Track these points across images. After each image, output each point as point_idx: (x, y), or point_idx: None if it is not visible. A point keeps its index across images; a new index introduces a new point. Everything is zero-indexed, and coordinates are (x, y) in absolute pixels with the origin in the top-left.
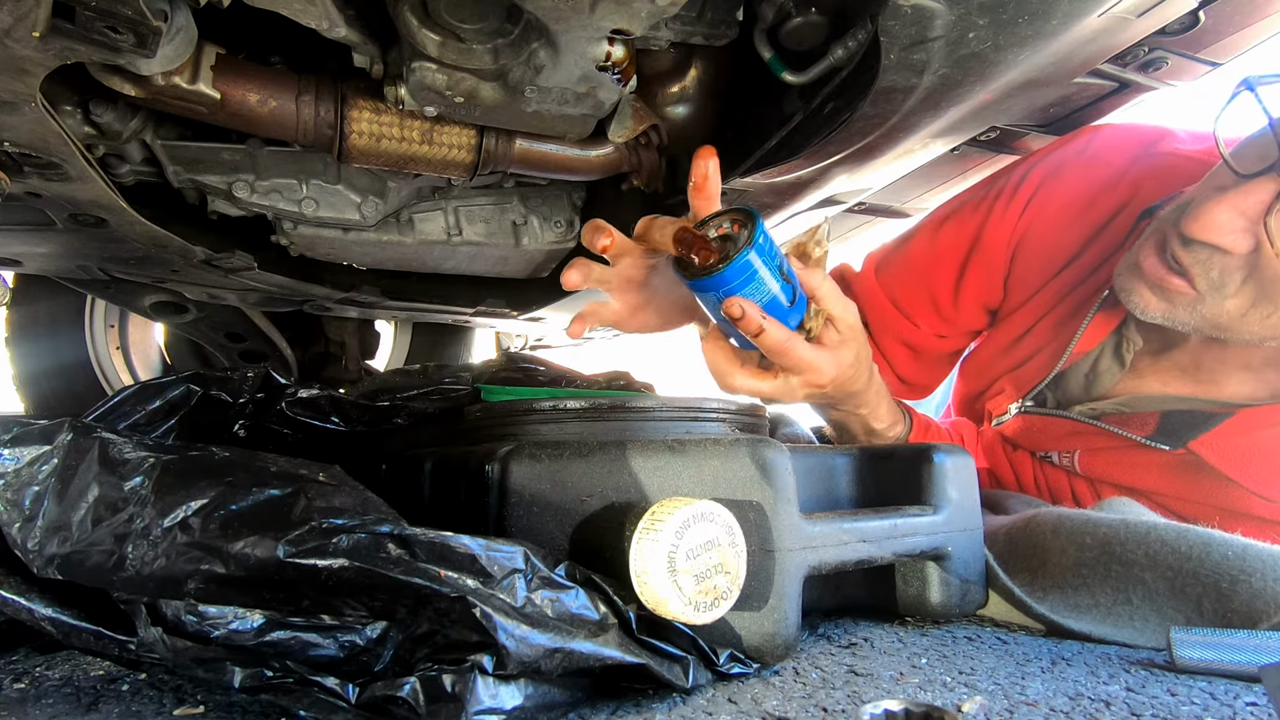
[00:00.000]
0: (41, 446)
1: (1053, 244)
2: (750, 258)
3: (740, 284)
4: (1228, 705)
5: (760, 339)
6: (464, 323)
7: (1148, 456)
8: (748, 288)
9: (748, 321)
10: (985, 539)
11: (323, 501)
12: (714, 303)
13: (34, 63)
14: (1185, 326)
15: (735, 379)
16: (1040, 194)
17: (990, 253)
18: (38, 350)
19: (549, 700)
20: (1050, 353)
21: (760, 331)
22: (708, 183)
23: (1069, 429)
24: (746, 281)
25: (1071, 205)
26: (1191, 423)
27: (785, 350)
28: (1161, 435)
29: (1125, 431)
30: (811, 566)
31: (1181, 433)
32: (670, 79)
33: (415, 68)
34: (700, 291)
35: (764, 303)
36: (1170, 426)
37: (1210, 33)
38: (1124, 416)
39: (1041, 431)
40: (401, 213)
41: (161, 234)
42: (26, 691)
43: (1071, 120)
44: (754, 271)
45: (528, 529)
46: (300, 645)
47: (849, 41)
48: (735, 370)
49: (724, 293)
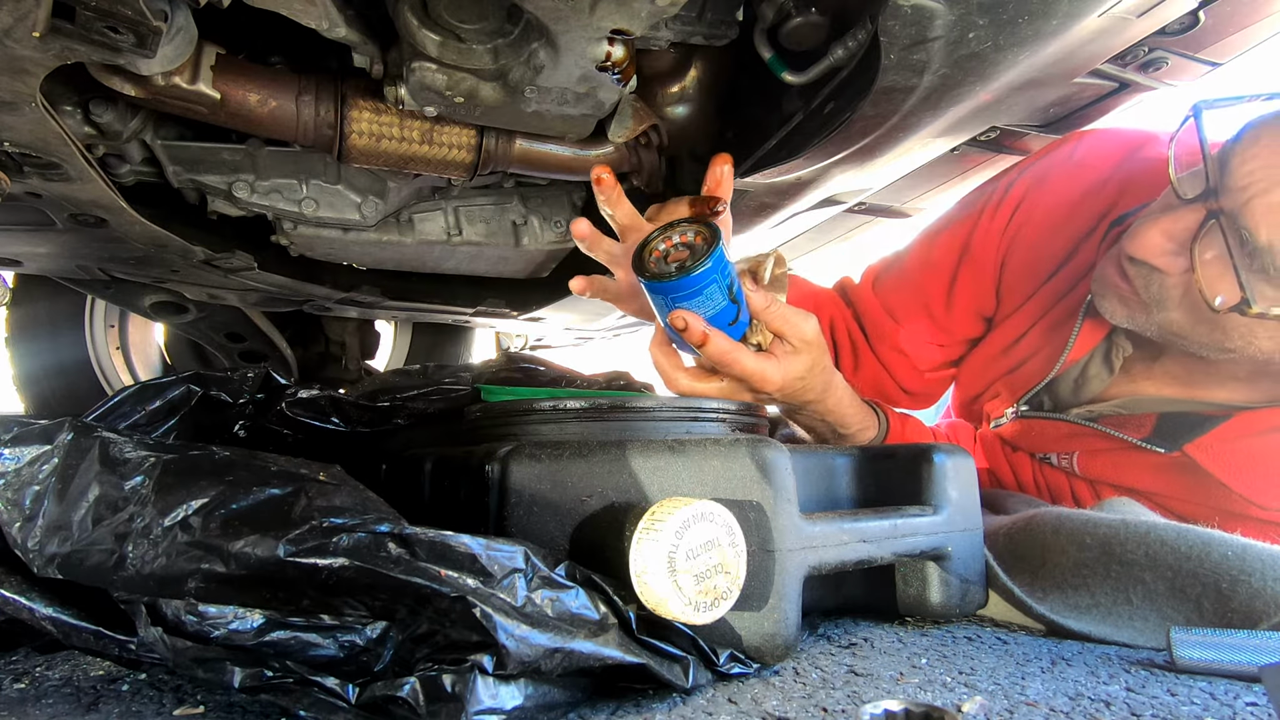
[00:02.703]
0: (42, 446)
1: (1041, 250)
2: (703, 271)
3: (690, 294)
4: (1228, 705)
5: (704, 348)
6: (464, 323)
7: (1145, 458)
8: (696, 299)
9: (690, 333)
10: (985, 539)
11: (323, 501)
12: (663, 307)
13: (34, 63)
14: (1150, 333)
15: (680, 380)
16: (1027, 201)
17: (980, 261)
18: (38, 350)
19: (549, 700)
20: (1044, 357)
21: (704, 342)
22: (719, 187)
23: (1067, 431)
24: (696, 293)
25: (1057, 211)
26: (1188, 425)
27: (728, 361)
28: (1157, 437)
29: (1122, 434)
30: (811, 566)
31: (1177, 435)
32: (670, 79)
33: (415, 68)
34: (652, 294)
35: (712, 314)
36: (1166, 429)
37: (1210, 33)
38: (1121, 419)
39: (1039, 434)
40: (401, 213)
41: (161, 234)
42: (26, 691)
43: (1072, 120)
44: (705, 285)
45: (528, 529)
46: (300, 645)
47: (849, 41)
48: (680, 373)
49: (673, 299)
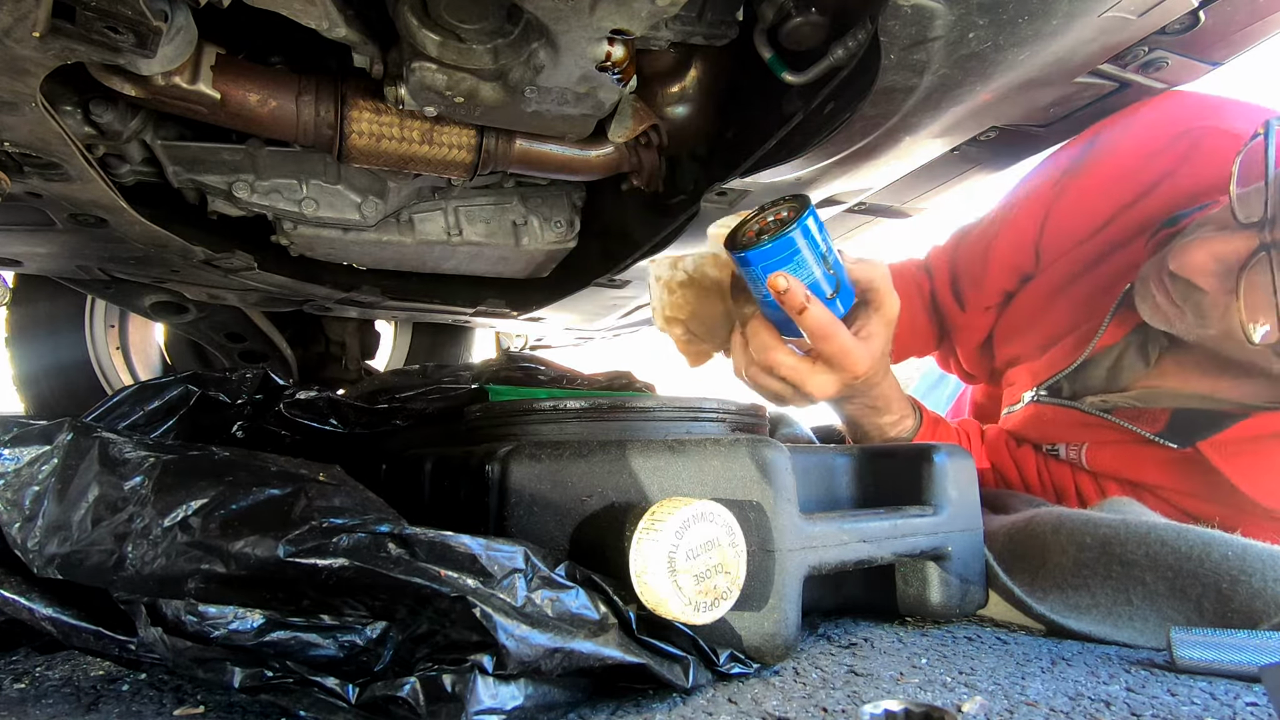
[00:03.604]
0: (41, 446)
1: (1083, 209)
2: (794, 235)
3: (781, 260)
4: (1228, 705)
5: (804, 317)
6: (464, 323)
7: (1156, 453)
8: (789, 265)
9: (792, 295)
10: (985, 539)
11: (323, 501)
12: (758, 278)
13: (34, 63)
14: (1188, 339)
15: (778, 353)
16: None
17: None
18: (38, 350)
19: (549, 700)
20: (1072, 342)
21: (803, 309)
22: None
23: (1079, 420)
24: (789, 259)
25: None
26: (1202, 422)
27: (829, 334)
28: (1171, 433)
29: (1136, 427)
30: (811, 566)
31: (1191, 432)
32: (670, 79)
33: (415, 68)
34: (745, 266)
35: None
36: (1180, 424)
37: (1210, 33)
38: (1136, 411)
39: (1052, 422)
40: (401, 213)
41: (161, 234)
42: (26, 691)
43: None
44: (796, 250)
45: (528, 529)
46: (300, 645)
47: (849, 41)
48: (779, 345)
49: (764, 268)
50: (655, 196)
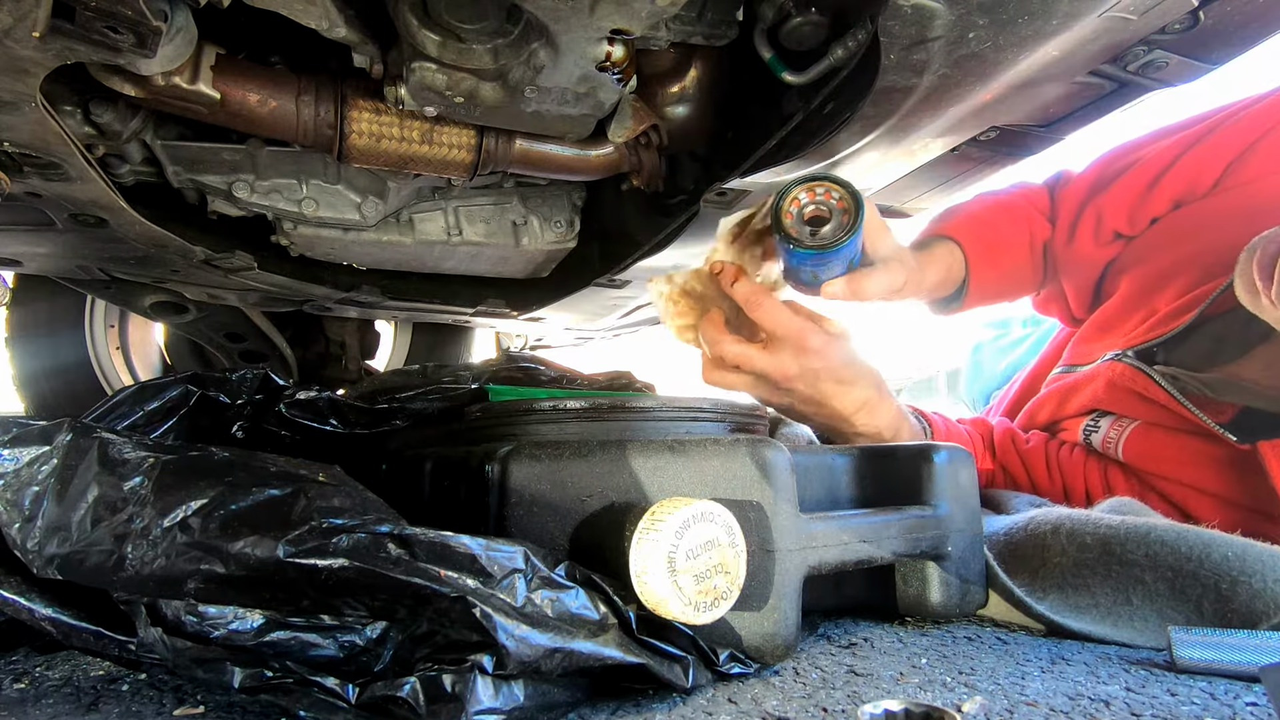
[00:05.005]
0: (41, 447)
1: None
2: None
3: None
4: (1228, 705)
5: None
6: (464, 323)
7: (1205, 447)
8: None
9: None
10: (985, 539)
11: (323, 501)
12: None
13: (34, 63)
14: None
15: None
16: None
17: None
18: (38, 350)
19: (549, 700)
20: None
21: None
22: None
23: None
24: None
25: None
26: (1269, 424)
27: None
28: (1234, 426)
29: (1202, 413)
30: (811, 566)
31: (1256, 429)
32: (670, 79)
33: (415, 68)
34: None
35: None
36: (1247, 421)
37: (1210, 33)
38: (1204, 399)
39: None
40: (401, 213)
41: (161, 234)
42: (26, 691)
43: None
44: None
45: (528, 529)
46: (300, 645)
47: (849, 41)
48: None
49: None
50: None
